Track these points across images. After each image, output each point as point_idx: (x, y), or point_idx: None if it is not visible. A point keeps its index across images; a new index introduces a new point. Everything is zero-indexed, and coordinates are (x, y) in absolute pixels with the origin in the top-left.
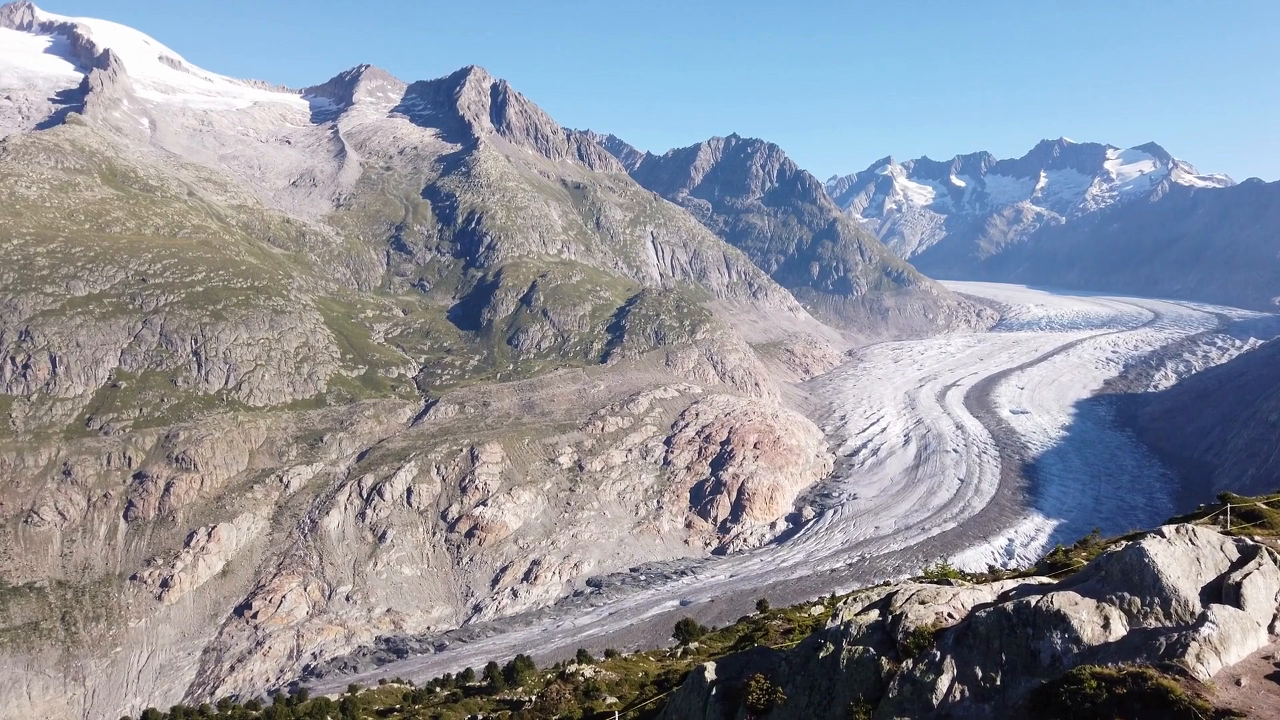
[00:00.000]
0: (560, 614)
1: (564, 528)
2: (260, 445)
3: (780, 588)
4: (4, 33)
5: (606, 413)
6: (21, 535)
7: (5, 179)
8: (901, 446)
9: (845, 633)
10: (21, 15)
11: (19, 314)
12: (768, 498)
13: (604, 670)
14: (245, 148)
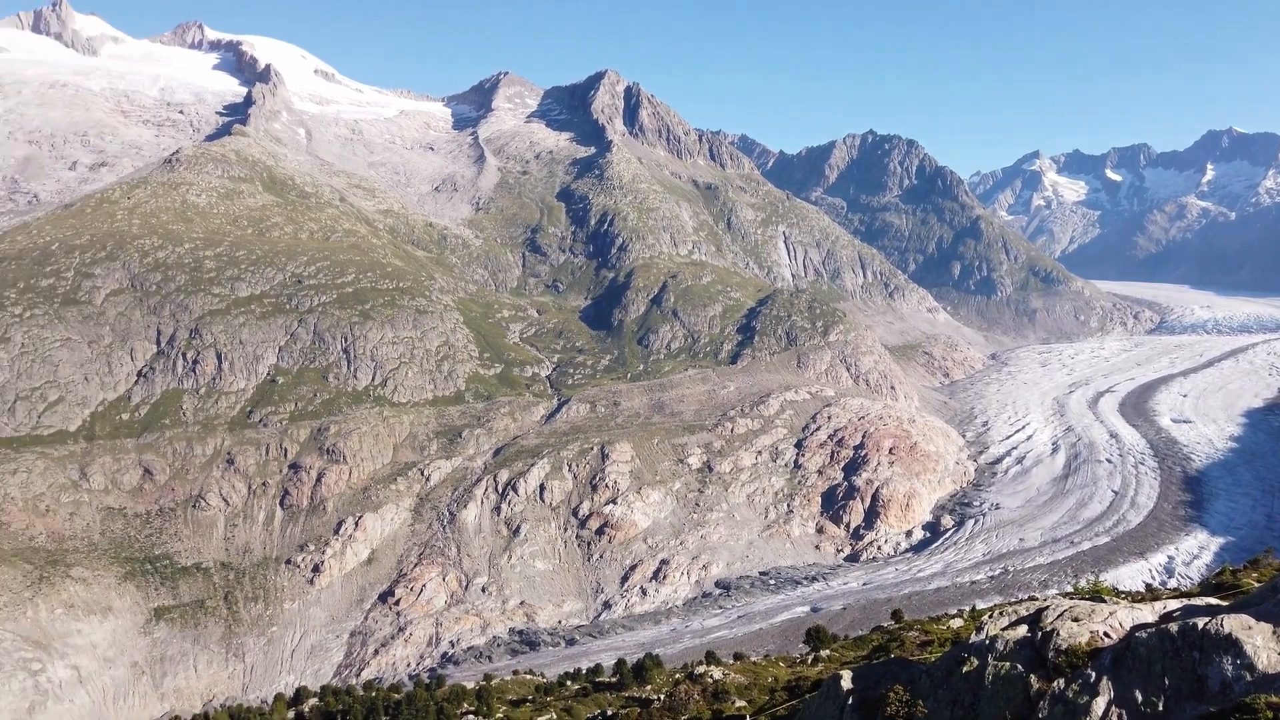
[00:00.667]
0: (688, 614)
1: (693, 528)
2: (403, 439)
3: (916, 598)
4: (178, 51)
5: (736, 414)
6: (190, 519)
7: (178, 188)
8: (1049, 455)
9: (991, 647)
10: (193, 35)
11: (190, 313)
12: (904, 505)
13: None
14: (392, 155)
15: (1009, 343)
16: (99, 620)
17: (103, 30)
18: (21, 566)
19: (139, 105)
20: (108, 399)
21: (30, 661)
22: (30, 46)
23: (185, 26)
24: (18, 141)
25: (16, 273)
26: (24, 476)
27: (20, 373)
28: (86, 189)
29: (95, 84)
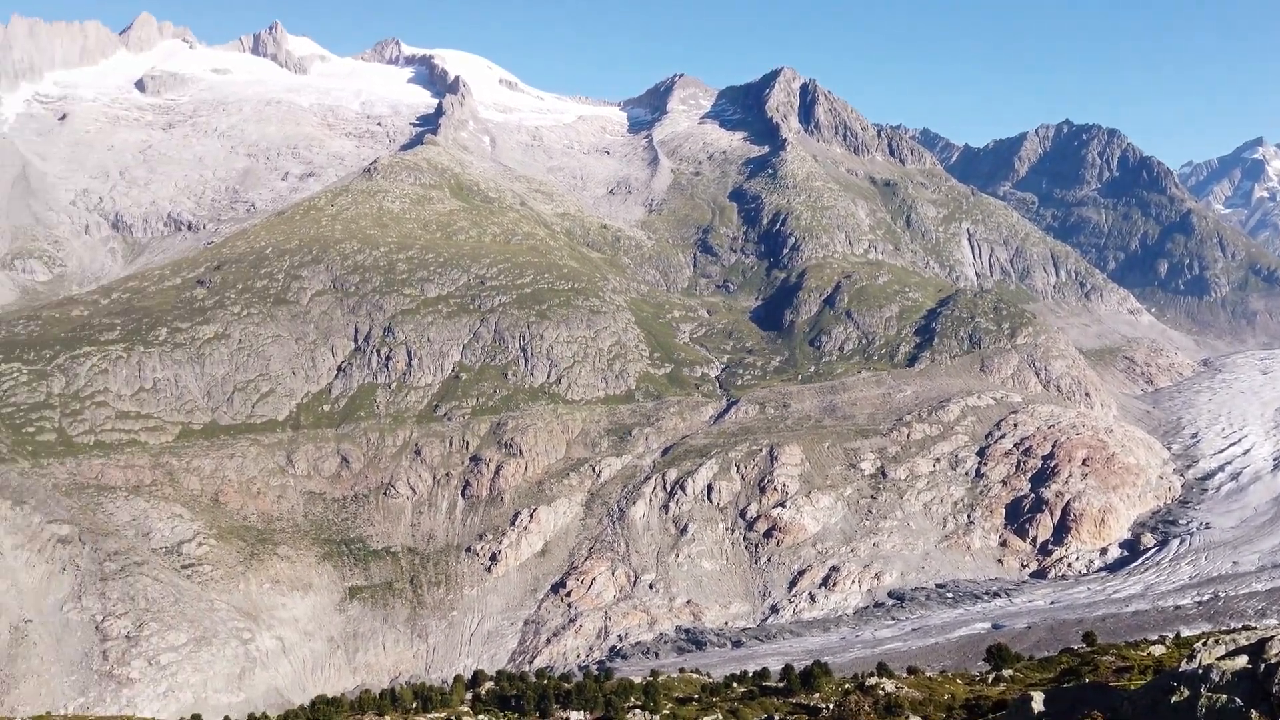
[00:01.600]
0: (859, 624)
1: (864, 535)
2: (576, 436)
3: (1111, 621)
4: (377, 67)
5: (913, 419)
6: (381, 505)
7: (375, 195)
8: (1270, 471)
9: (1205, 678)
10: (391, 51)
11: (384, 312)
12: (1098, 520)
13: (907, 687)
14: (570, 159)
15: (1223, 348)
16: (300, 596)
17: (312, 50)
18: (236, 543)
19: (342, 119)
20: (311, 391)
21: (242, 631)
22: (250, 68)
23: (384, 44)
24: (238, 155)
25: (236, 274)
26: (239, 461)
27: (238, 366)
28: (296, 197)
29: (305, 100)
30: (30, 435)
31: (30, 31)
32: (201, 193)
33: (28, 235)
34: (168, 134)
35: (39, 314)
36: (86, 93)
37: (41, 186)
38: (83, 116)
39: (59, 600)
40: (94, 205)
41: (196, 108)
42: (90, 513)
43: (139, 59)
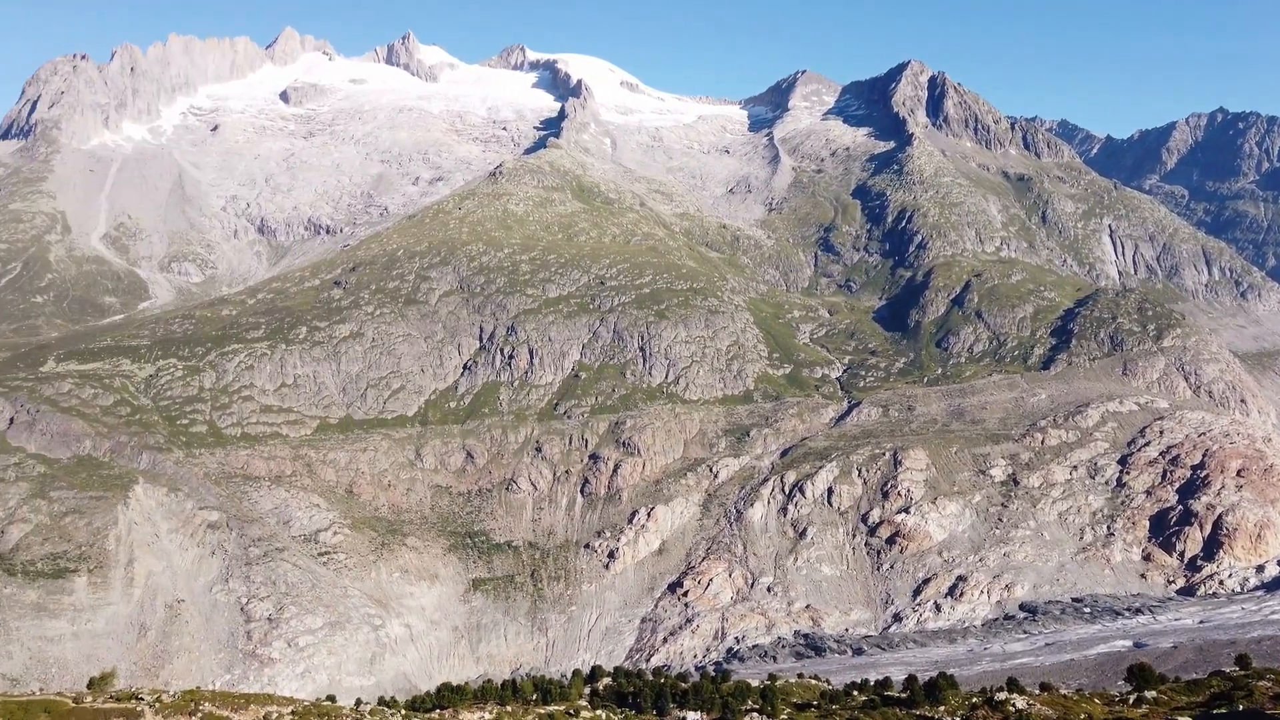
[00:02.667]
0: (987, 636)
1: (994, 545)
2: (693, 436)
3: (1268, 644)
4: (503, 73)
5: (1048, 424)
6: (504, 500)
7: (500, 198)
8: None
9: None
10: (516, 57)
11: (507, 312)
12: (1254, 535)
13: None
14: (689, 159)
15: None
16: (427, 586)
17: (442, 58)
18: (368, 533)
19: (470, 124)
20: (439, 388)
21: (373, 617)
22: (384, 77)
23: (510, 50)
24: (373, 161)
25: (370, 276)
26: (372, 455)
27: (371, 364)
28: (425, 201)
29: (435, 107)
30: (184, 427)
31: (186, 49)
32: (339, 198)
33: (183, 240)
34: (308, 142)
35: (193, 313)
36: (236, 104)
37: (196, 194)
38: (232, 127)
39: (208, 582)
40: (242, 211)
41: (335, 116)
42: (237, 500)
43: (283, 72)
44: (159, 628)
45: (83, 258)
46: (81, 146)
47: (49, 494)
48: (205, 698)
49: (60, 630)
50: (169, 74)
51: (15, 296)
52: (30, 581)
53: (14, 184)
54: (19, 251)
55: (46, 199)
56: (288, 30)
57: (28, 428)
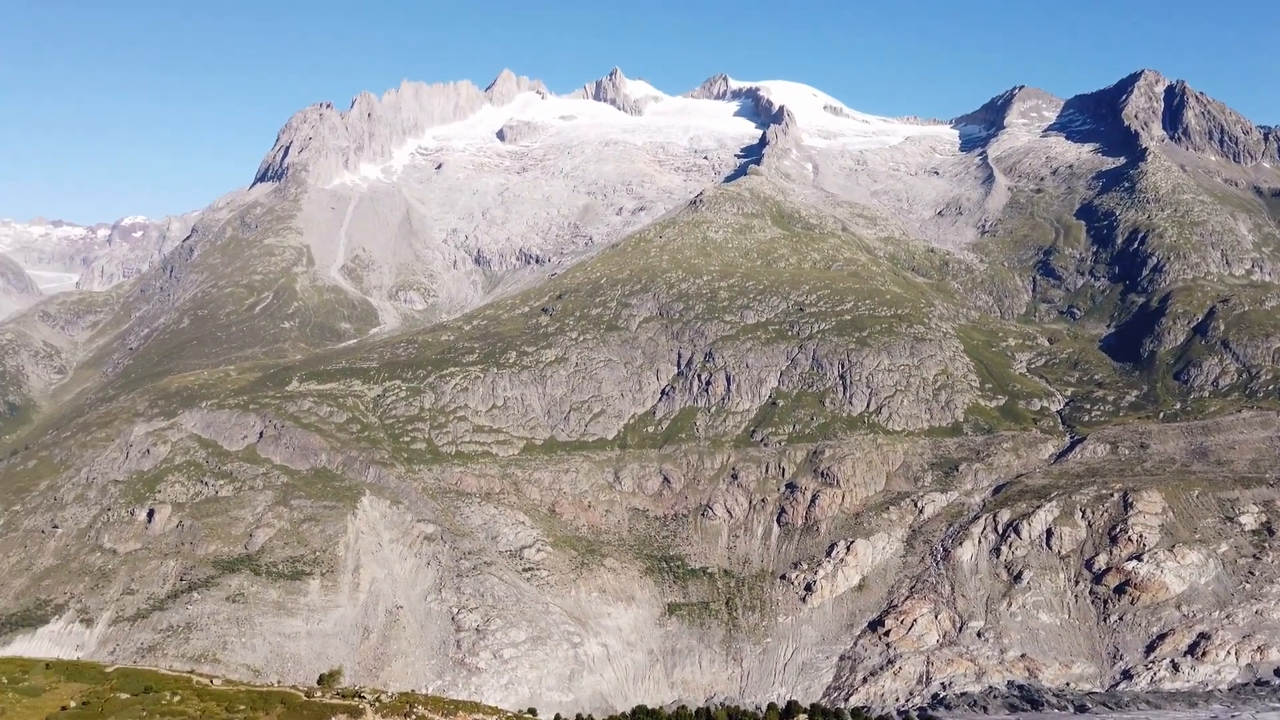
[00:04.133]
0: (1236, 702)
1: (1244, 600)
2: (896, 468)
3: None
4: (705, 103)
5: None
6: (699, 526)
7: (699, 226)
8: None
9: None
10: (719, 86)
11: (705, 338)
12: None
13: None
14: (895, 182)
15: None
16: (624, 607)
17: (646, 92)
18: (568, 552)
19: (671, 155)
20: (637, 413)
21: (572, 635)
22: (592, 113)
23: (712, 80)
24: (579, 194)
25: (574, 303)
26: (573, 476)
27: (574, 388)
28: (628, 230)
29: (638, 139)
30: (406, 444)
31: (416, 94)
32: (548, 229)
33: (409, 270)
34: (521, 177)
35: (416, 338)
36: (458, 144)
37: (421, 227)
38: (453, 165)
39: (424, 591)
40: (460, 243)
41: (546, 152)
42: (450, 515)
43: (500, 111)
44: (380, 631)
45: (323, 287)
46: (325, 186)
47: (290, 502)
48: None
49: (296, 628)
50: (400, 118)
51: (267, 322)
52: (272, 581)
53: (268, 221)
54: (271, 281)
55: (295, 234)
56: (505, 72)
57: (274, 441)
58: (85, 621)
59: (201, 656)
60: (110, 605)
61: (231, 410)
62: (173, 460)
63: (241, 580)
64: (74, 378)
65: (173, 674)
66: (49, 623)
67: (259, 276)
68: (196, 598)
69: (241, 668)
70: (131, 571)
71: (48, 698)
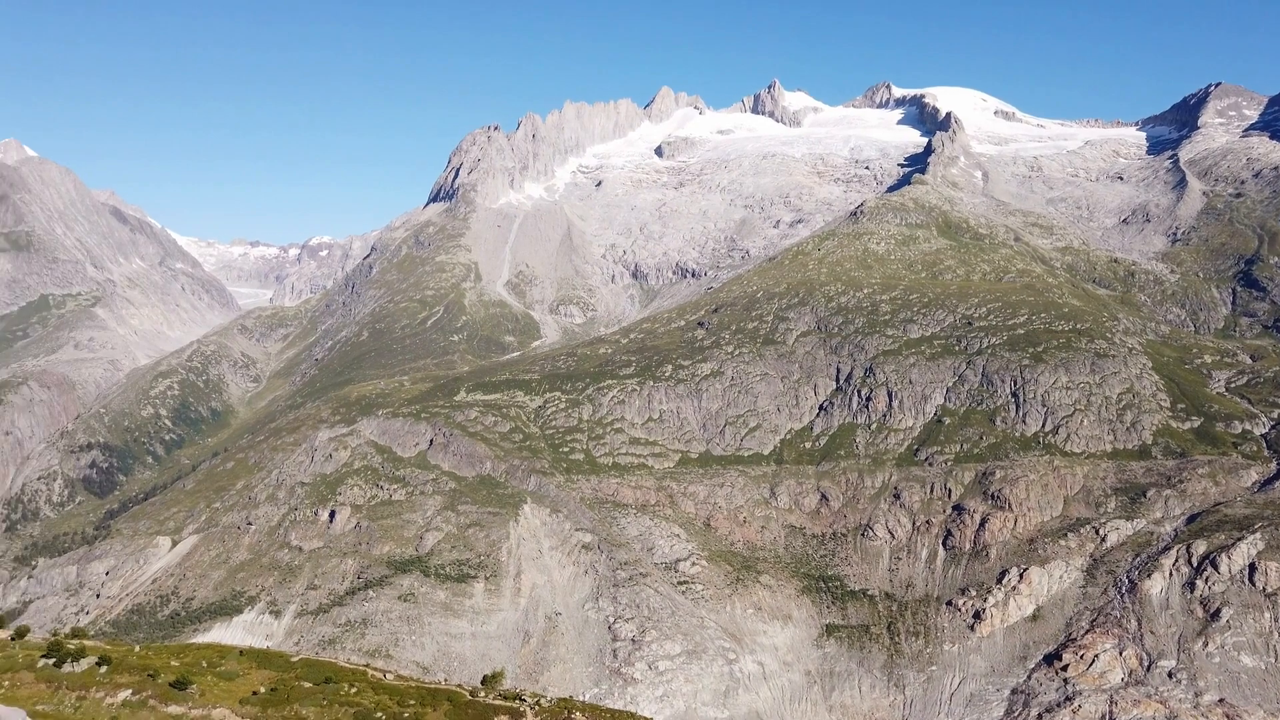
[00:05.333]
0: None
1: None
2: (1075, 493)
3: None
4: (867, 112)
5: None
6: (859, 546)
7: (860, 237)
8: None
9: None
10: (881, 95)
11: (865, 353)
12: None
13: None
14: (1073, 189)
15: None
16: (780, 626)
17: (805, 103)
18: (723, 567)
19: (831, 166)
20: (794, 428)
21: (727, 651)
22: (750, 126)
23: (875, 89)
24: (736, 207)
25: (730, 317)
26: (728, 490)
27: (729, 401)
28: (785, 243)
29: (797, 151)
30: (565, 455)
31: (578, 114)
32: (704, 243)
33: (569, 285)
34: (678, 192)
35: (575, 351)
36: (617, 161)
37: (581, 243)
38: (613, 182)
39: (581, 599)
40: (619, 258)
41: (703, 166)
42: (607, 525)
43: (658, 128)
44: (539, 636)
45: (489, 302)
46: (491, 205)
47: (457, 507)
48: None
49: (461, 629)
50: (563, 137)
51: (438, 335)
52: (440, 583)
53: (440, 240)
54: (442, 296)
55: (464, 252)
56: (664, 89)
57: (443, 448)
58: (274, 613)
59: (375, 651)
60: (295, 599)
61: (405, 418)
62: (352, 464)
63: (412, 581)
64: (267, 386)
65: (350, 666)
66: (242, 612)
67: (431, 292)
68: (372, 595)
69: (411, 664)
70: (315, 568)
71: (241, 682)
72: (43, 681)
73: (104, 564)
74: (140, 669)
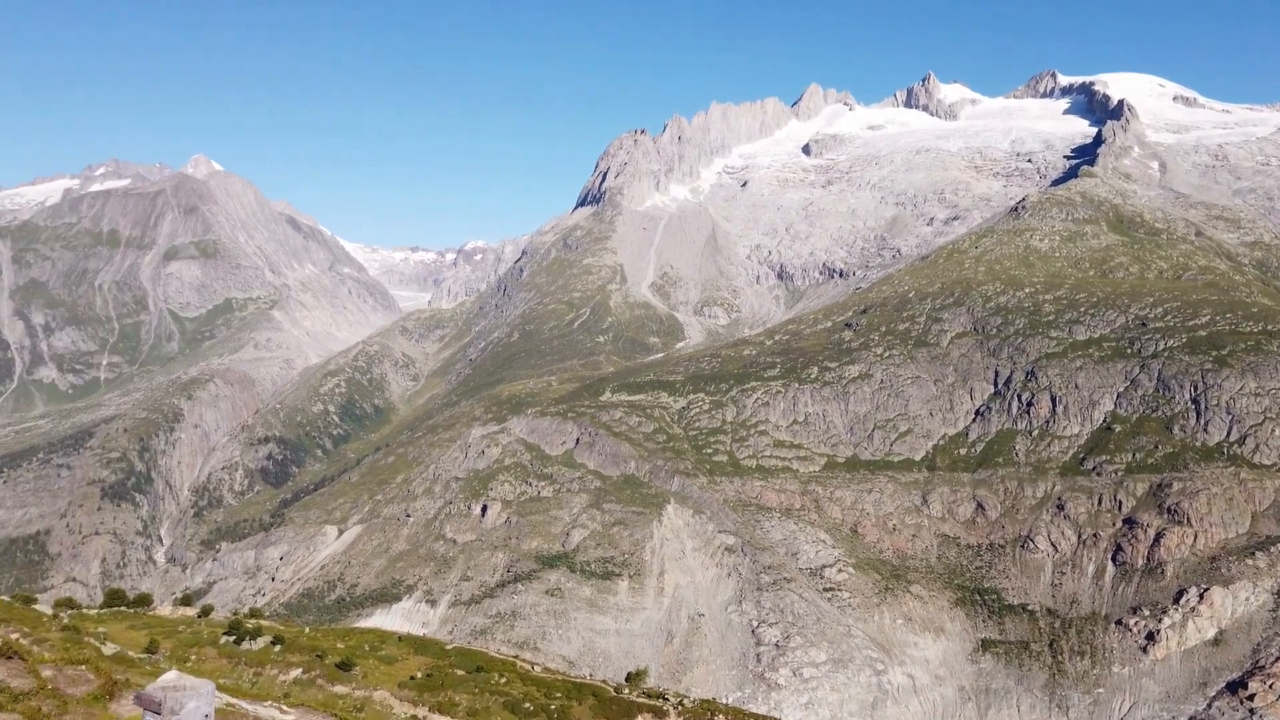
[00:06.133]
0: None
1: None
2: (1265, 508)
3: None
4: (1030, 103)
5: None
6: (1018, 559)
7: (1021, 234)
8: None
9: None
10: (1045, 84)
11: (1026, 355)
12: None
13: None
14: (1264, 179)
15: None
16: (932, 638)
17: (962, 95)
18: (872, 575)
19: (989, 159)
20: (948, 434)
21: (875, 661)
22: (903, 120)
23: (1039, 77)
24: (887, 205)
25: (879, 318)
26: (877, 497)
27: (878, 405)
28: (939, 241)
29: (952, 145)
30: (708, 456)
31: (724, 115)
32: (853, 242)
33: (713, 286)
34: (826, 190)
35: (719, 353)
36: (763, 161)
37: (725, 244)
38: (758, 182)
39: (724, 601)
40: (764, 258)
41: (852, 164)
42: (750, 528)
43: (806, 126)
44: (682, 637)
45: (634, 303)
46: (637, 208)
47: (602, 505)
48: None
49: (606, 626)
50: (708, 139)
51: (584, 336)
52: (586, 580)
53: (587, 243)
54: (588, 299)
55: (610, 254)
56: (812, 86)
57: (589, 447)
58: (430, 602)
59: (523, 643)
60: (450, 589)
61: (552, 418)
62: (503, 461)
63: (559, 576)
64: (425, 384)
65: (500, 657)
66: (401, 600)
67: (578, 294)
68: (520, 589)
69: (557, 657)
70: (468, 560)
71: (399, 666)
72: (224, 657)
73: (278, 550)
74: (309, 649)
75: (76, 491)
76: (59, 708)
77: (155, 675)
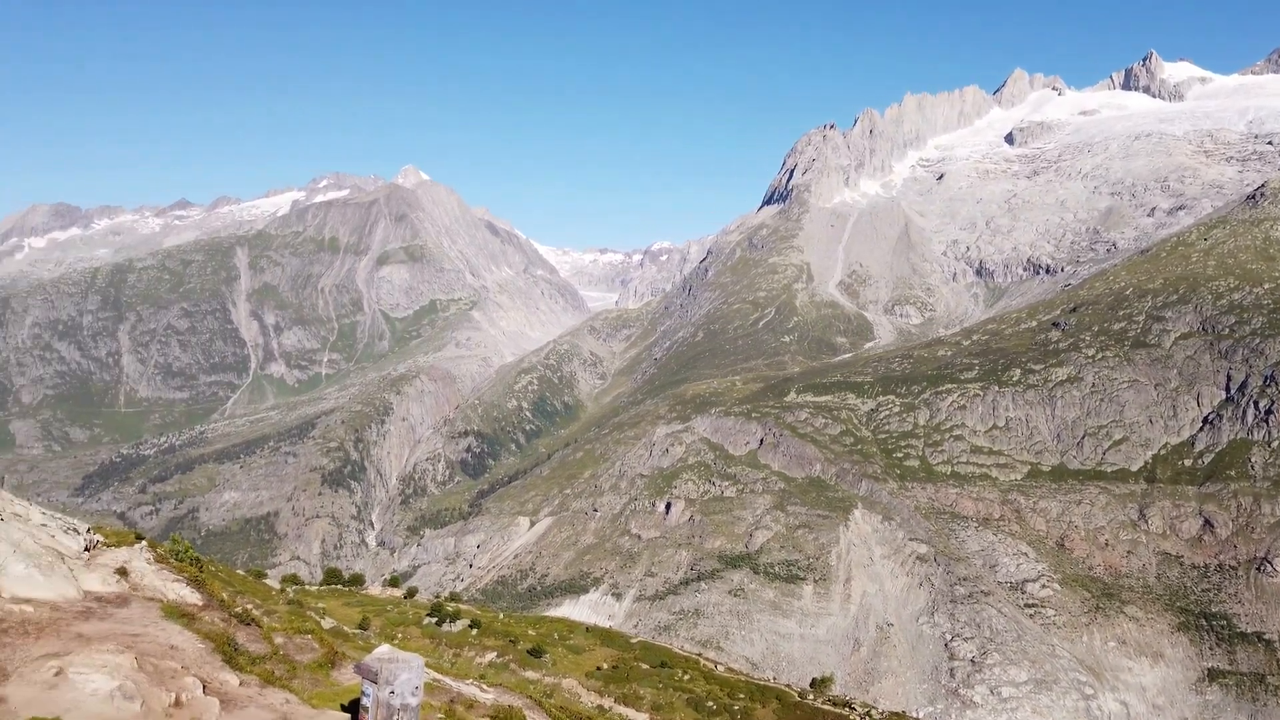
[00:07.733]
0: None
1: None
2: None
3: None
4: (1271, 79)
5: None
6: (1253, 582)
7: (1260, 224)
8: None
9: None
10: None
11: (1265, 358)
12: None
13: None
14: None
15: None
16: (1149, 664)
17: (1189, 74)
18: (1080, 593)
19: (1221, 143)
20: (1170, 443)
21: (1084, 685)
22: (1120, 104)
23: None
24: (1101, 195)
25: (1091, 317)
26: (1086, 509)
27: (1089, 410)
28: (1161, 234)
29: (1177, 129)
30: (899, 460)
31: (919, 106)
32: (1061, 236)
33: (905, 284)
34: (1031, 182)
35: (911, 353)
36: (961, 152)
37: (919, 240)
38: (956, 174)
39: (915, 612)
40: (961, 254)
41: (1061, 152)
42: (944, 537)
43: (1009, 114)
44: (870, 646)
45: (821, 302)
46: (825, 205)
47: (786, 507)
48: None
49: (789, 629)
50: (901, 131)
51: (769, 336)
52: (769, 582)
53: (773, 242)
54: (774, 298)
55: (796, 253)
56: (1016, 72)
57: (773, 448)
58: (615, 595)
59: (707, 642)
60: (635, 584)
61: (736, 417)
62: (686, 460)
63: (742, 577)
64: (612, 383)
65: (683, 653)
66: (588, 592)
67: (763, 293)
68: (704, 587)
69: (740, 658)
70: (652, 556)
71: (586, 657)
72: (426, 637)
73: (475, 538)
74: (503, 635)
75: (300, 478)
76: (289, 672)
77: (367, 649)
